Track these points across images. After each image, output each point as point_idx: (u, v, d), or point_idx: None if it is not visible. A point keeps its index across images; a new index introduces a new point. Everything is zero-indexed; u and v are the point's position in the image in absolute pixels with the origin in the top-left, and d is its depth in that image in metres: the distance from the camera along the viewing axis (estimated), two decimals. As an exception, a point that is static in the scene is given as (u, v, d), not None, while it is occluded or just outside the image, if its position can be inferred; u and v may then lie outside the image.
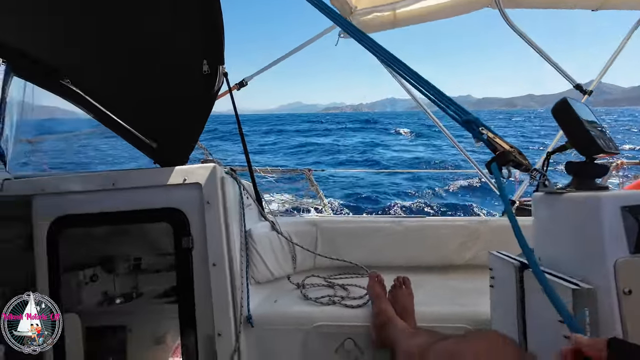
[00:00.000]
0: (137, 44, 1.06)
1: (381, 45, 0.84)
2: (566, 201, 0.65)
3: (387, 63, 0.82)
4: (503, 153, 0.65)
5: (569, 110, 0.68)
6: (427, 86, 0.78)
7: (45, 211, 1.18)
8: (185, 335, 1.13)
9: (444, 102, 0.75)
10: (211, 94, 1.11)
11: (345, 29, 0.89)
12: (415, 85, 0.79)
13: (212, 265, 1.12)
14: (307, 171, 1.98)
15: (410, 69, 0.79)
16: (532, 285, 0.67)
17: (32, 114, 1.55)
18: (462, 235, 1.48)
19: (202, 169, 1.15)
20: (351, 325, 1.10)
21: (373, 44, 0.84)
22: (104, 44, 1.06)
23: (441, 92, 0.77)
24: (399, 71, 0.81)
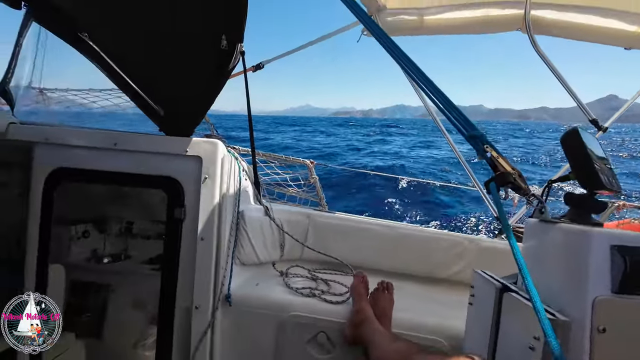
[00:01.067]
0: (158, 8, 1.06)
1: (401, 49, 0.83)
2: (558, 231, 0.64)
3: (404, 67, 0.81)
4: (503, 174, 0.65)
5: (577, 140, 0.67)
6: (440, 96, 0.77)
7: (45, 160, 1.19)
8: (164, 304, 1.15)
9: (453, 114, 0.74)
10: (226, 70, 1.11)
11: (367, 26, 0.88)
12: (428, 93, 0.79)
13: (200, 239, 1.13)
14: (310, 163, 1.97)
15: (426, 77, 0.79)
16: (510, 309, 0.67)
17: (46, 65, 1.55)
18: (450, 250, 1.48)
19: (205, 143, 1.15)
20: (327, 319, 1.11)
21: (393, 46, 0.83)
22: (126, 4, 1.06)
23: (452, 104, 0.76)
24: (414, 77, 0.80)
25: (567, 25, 1.75)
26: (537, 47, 1.78)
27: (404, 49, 0.81)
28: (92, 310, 1.80)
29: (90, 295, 1.82)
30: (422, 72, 0.77)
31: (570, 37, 1.85)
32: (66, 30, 1.07)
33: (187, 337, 1.13)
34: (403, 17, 1.81)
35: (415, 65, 0.78)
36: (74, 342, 1.42)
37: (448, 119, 0.73)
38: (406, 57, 0.80)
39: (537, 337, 0.56)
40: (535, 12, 1.72)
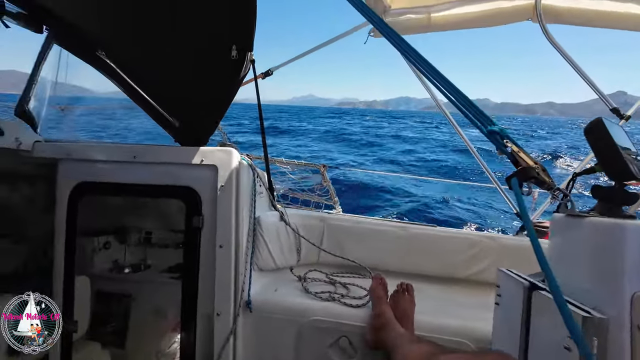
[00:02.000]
0: (170, 24, 1.09)
1: (413, 47, 0.82)
2: (588, 226, 0.62)
3: (417, 65, 0.80)
4: (525, 169, 0.63)
5: (602, 131, 0.64)
6: (455, 93, 0.76)
7: (69, 175, 1.24)
8: (186, 312, 1.17)
9: (470, 111, 0.73)
10: (237, 79, 1.12)
11: (378, 27, 0.88)
12: (443, 90, 0.77)
13: (219, 246, 1.14)
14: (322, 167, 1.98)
15: (440, 73, 0.78)
16: (541, 307, 0.64)
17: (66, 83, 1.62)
18: (470, 249, 1.44)
19: (220, 152, 1.17)
20: (348, 323, 1.10)
21: (404, 45, 0.83)
22: (140, 22, 1.09)
23: (468, 99, 0.75)
24: (427, 74, 0.79)
25: (581, 11, 1.69)
26: (549, 36, 1.73)
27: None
28: (116, 319, 1.85)
29: (113, 305, 1.87)
30: (435, 69, 0.77)
31: (584, 24, 1.79)
32: (84, 50, 1.11)
33: (209, 344, 1.14)
34: (410, 17, 1.80)
35: (428, 63, 0.77)
36: (100, 352, 1.46)
37: (465, 115, 0.72)
38: (418, 54, 0.79)
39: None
40: (546, 1, 1.68)
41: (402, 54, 0.85)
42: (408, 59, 0.83)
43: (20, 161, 1.30)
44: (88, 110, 2.07)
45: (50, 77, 1.54)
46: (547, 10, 1.68)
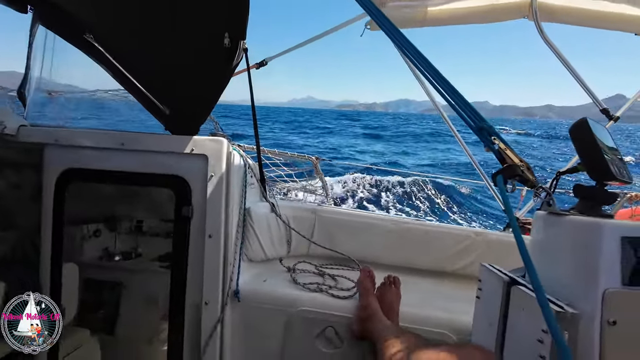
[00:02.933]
0: (162, 9, 1.06)
1: (409, 41, 0.82)
2: (568, 223, 0.64)
3: (412, 59, 0.80)
4: (510, 166, 0.64)
5: (586, 131, 0.66)
6: (448, 88, 0.76)
7: (56, 162, 1.22)
8: (174, 300, 1.17)
9: (461, 106, 0.73)
10: (229, 68, 1.11)
11: (375, 18, 0.87)
12: (436, 85, 0.78)
13: (208, 236, 1.14)
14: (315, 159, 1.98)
15: (434, 68, 0.77)
16: (518, 302, 0.67)
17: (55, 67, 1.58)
18: (457, 244, 1.47)
19: (211, 142, 1.16)
20: (335, 314, 1.12)
21: (401, 38, 0.82)
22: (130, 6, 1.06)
23: (461, 96, 0.75)
24: (421, 69, 0.79)
25: (576, 11, 1.70)
26: (544, 35, 1.73)
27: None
28: (105, 307, 1.85)
29: (102, 293, 1.87)
30: (430, 64, 0.76)
31: (579, 24, 1.80)
32: (71, 32, 1.08)
33: (197, 333, 1.16)
34: (406, 10, 1.78)
35: (424, 57, 0.77)
36: (89, 339, 1.46)
37: (455, 111, 0.72)
38: (414, 48, 0.79)
39: (546, 330, 0.56)
40: (542, -1, 1.68)
41: (398, 47, 0.85)
42: (403, 52, 0.83)
43: (5, 146, 1.27)
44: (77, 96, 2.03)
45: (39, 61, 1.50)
46: (542, 8, 1.68)
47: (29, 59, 1.38)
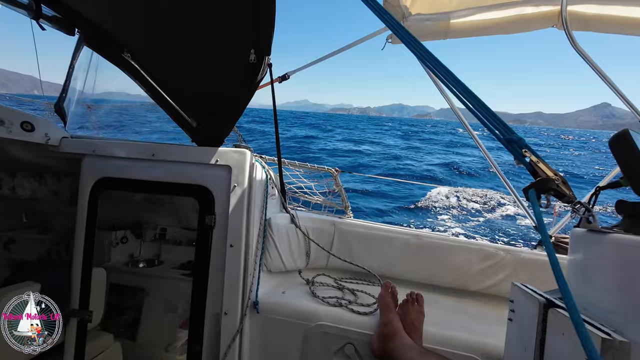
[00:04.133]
0: (192, 27, 1.12)
1: (432, 53, 0.81)
2: (612, 242, 0.59)
3: (435, 72, 0.79)
4: (544, 180, 0.61)
5: (629, 143, 0.61)
6: (473, 99, 0.74)
7: (92, 171, 1.29)
8: (195, 309, 1.19)
9: (488, 118, 0.71)
10: (254, 82, 1.15)
11: (397, 33, 0.88)
12: (462, 98, 0.76)
13: (229, 246, 1.16)
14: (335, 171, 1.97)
15: (458, 79, 0.76)
16: (557, 326, 0.61)
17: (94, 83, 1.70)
18: (485, 261, 1.40)
19: (234, 153, 1.19)
20: (354, 330, 1.08)
21: (423, 51, 0.82)
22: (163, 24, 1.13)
23: (488, 108, 0.73)
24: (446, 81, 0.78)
25: (609, 19, 1.62)
26: (575, 43, 1.66)
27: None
28: (128, 312, 1.90)
29: (126, 298, 1.93)
30: (453, 76, 0.75)
31: (612, 32, 1.71)
32: (112, 52, 1.17)
33: (216, 343, 1.15)
34: (428, 23, 1.78)
35: (447, 69, 0.76)
36: (112, 343, 1.50)
37: (482, 123, 0.70)
38: (436, 60, 0.78)
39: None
40: (572, 7, 1.62)
41: (420, 60, 0.85)
42: (426, 65, 0.82)
43: (48, 156, 1.37)
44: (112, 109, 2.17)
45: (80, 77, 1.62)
46: (572, 17, 1.62)
47: (69, 77, 1.50)
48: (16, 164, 1.50)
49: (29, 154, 1.43)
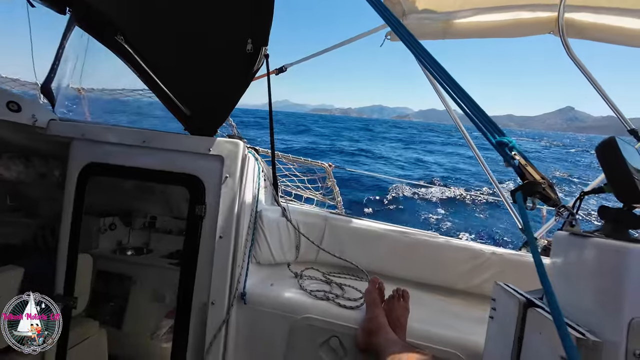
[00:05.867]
0: (190, 14, 1.10)
1: (429, 53, 0.82)
2: (592, 246, 0.60)
3: (431, 71, 0.80)
4: (530, 183, 0.62)
5: (614, 151, 0.63)
6: (467, 101, 0.75)
7: (80, 155, 1.27)
8: (182, 299, 1.18)
9: (481, 120, 0.72)
10: (250, 73, 1.13)
11: (396, 30, 0.88)
12: (455, 98, 0.77)
13: (219, 237, 1.16)
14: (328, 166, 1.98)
15: (454, 80, 0.77)
16: (535, 325, 0.63)
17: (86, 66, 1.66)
18: (471, 261, 1.42)
19: (227, 143, 1.18)
20: (340, 324, 1.10)
21: (421, 50, 0.82)
22: (159, 9, 1.11)
23: (481, 110, 0.74)
24: (441, 81, 0.79)
25: (604, 28, 1.65)
26: (570, 51, 1.69)
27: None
28: (114, 300, 1.88)
29: (114, 285, 1.91)
30: (449, 76, 0.76)
31: (607, 41, 1.74)
32: (105, 34, 1.14)
33: (202, 332, 1.16)
34: (428, 22, 1.78)
35: (443, 69, 0.77)
36: (97, 330, 1.49)
37: (475, 124, 0.71)
38: (433, 59, 0.79)
39: (565, 357, 0.53)
40: (569, 15, 1.64)
41: (417, 58, 0.85)
42: (423, 64, 0.82)
43: (36, 138, 1.34)
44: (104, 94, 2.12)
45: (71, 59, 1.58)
46: (569, 24, 1.64)
47: (58, 57, 1.45)
48: (2, 144, 1.46)
49: (16, 135, 1.39)
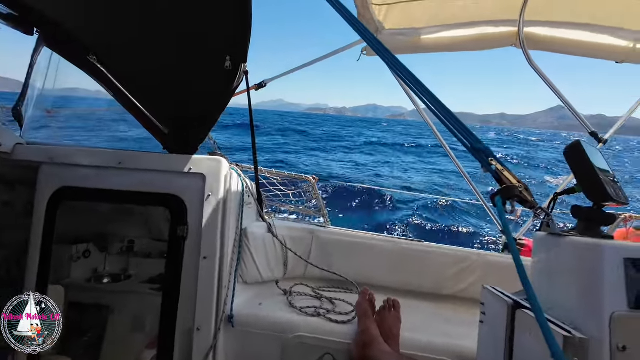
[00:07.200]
0: (164, 31, 1.09)
1: (404, 65, 0.85)
2: (568, 245, 0.63)
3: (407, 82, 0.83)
4: (508, 187, 0.65)
5: (580, 153, 0.67)
6: (442, 109, 0.78)
7: (50, 180, 1.20)
8: (165, 326, 1.12)
9: (456, 127, 0.75)
10: (229, 89, 1.13)
11: (371, 45, 0.91)
12: (432, 107, 0.80)
13: (202, 258, 1.11)
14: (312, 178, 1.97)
15: (428, 90, 0.80)
16: (524, 326, 0.65)
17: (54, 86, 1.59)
18: (457, 266, 1.45)
19: (208, 161, 1.16)
20: (332, 340, 1.08)
21: (396, 63, 0.85)
22: (133, 27, 1.09)
23: (455, 117, 0.77)
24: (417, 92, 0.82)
25: (560, 41, 1.80)
26: (531, 61, 1.82)
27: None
28: (91, 332, 1.75)
29: (89, 317, 1.78)
30: (424, 86, 0.79)
31: (563, 52, 1.89)
32: (75, 54, 1.10)
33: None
34: (401, 37, 1.86)
35: (417, 79, 0.80)
36: None
37: (451, 132, 0.74)
38: (408, 71, 0.82)
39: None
40: (529, 29, 1.78)
41: (393, 71, 0.88)
42: (399, 77, 0.85)
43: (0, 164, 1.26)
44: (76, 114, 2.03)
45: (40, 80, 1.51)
46: (529, 38, 1.77)
47: (28, 78, 1.39)
48: None
49: None
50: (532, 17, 1.73)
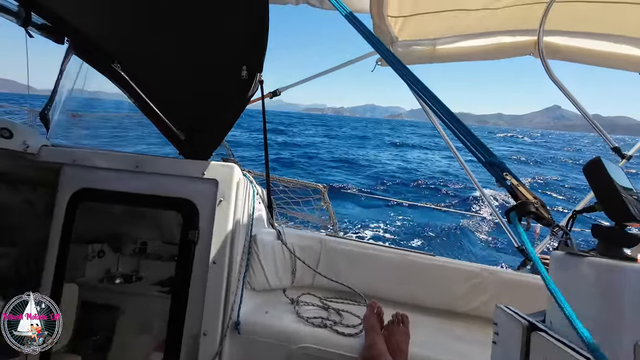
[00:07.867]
0: (185, 41, 1.13)
1: (417, 77, 0.85)
2: (588, 266, 0.60)
3: (421, 95, 0.83)
4: (524, 203, 0.63)
5: (601, 171, 0.64)
6: (456, 123, 0.77)
7: (71, 181, 1.25)
8: (172, 330, 1.13)
9: (470, 141, 0.74)
10: (245, 98, 1.15)
11: (385, 58, 0.91)
12: (445, 120, 0.79)
13: (212, 262, 1.12)
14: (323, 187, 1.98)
15: (442, 103, 0.80)
16: (540, 350, 0.62)
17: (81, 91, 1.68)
18: (468, 281, 1.41)
19: (222, 167, 1.18)
20: (338, 353, 1.06)
21: (409, 75, 0.85)
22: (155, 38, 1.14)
23: (469, 131, 0.76)
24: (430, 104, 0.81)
25: (580, 51, 1.75)
26: (549, 71, 1.78)
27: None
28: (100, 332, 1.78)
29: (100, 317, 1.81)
30: (437, 99, 0.79)
31: (583, 62, 1.84)
32: (101, 62, 1.16)
33: None
34: (416, 48, 1.86)
35: (431, 92, 0.80)
36: None
37: (465, 146, 0.73)
38: (422, 84, 0.82)
39: None
40: (547, 38, 1.74)
41: (407, 83, 0.88)
42: (412, 89, 0.85)
43: (25, 164, 1.32)
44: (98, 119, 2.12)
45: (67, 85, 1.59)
46: (548, 47, 1.74)
47: (57, 84, 1.47)
48: None
49: (3, 162, 1.37)
50: (552, 27, 1.69)
